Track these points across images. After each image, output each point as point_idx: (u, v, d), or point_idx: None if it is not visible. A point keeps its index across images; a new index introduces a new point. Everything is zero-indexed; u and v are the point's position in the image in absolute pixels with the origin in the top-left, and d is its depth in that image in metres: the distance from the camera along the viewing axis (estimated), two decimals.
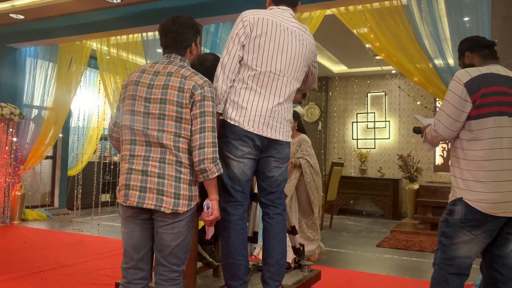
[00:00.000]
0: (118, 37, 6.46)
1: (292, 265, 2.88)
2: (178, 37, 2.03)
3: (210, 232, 2.01)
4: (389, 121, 8.75)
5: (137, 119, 1.94)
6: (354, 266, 4.45)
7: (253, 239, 2.50)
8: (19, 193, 6.60)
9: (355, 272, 4.17)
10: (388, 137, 8.75)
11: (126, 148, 1.97)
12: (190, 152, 1.93)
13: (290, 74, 2.29)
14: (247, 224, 2.40)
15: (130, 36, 6.36)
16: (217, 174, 1.92)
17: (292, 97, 2.36)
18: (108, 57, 6.71)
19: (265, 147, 2.26)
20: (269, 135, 2.23)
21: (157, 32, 2.20)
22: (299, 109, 5.06)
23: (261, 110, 2.21)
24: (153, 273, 2.06)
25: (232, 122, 2.19)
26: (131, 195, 1.91)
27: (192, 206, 1.94)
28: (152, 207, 1.88)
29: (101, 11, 5.85)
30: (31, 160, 6.84)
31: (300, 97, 5.18)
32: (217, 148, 1.95)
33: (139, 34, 6.20)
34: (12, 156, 6.54)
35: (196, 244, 2.41)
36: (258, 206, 2.49)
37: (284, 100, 2.29)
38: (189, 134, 1.93)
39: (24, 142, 6.83)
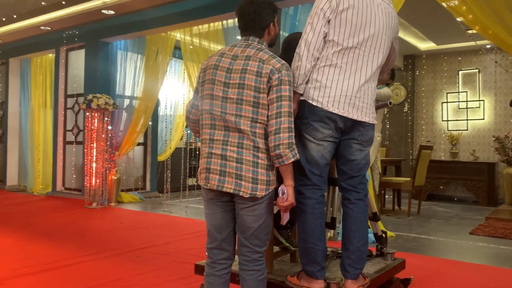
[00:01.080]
0: (200, 26, 6.64)
1: (374, 253, 2.79)
2: (256, 18, 2.01)
3: (285, 218, 2.01)
4: (483, 100, 8.07)
5: (216, 104, 1.96)
6: (445, 254, 4.21)
7: (331, 225, 2.43)
8: (115, 177, 7.13)
9: (446, 260, 3.95)
10: (482, 118, 8.09)
11: (206, 132, 2.01)
12: (266, 137, 1.92)
13: (377, 48, 2.15)
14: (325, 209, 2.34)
15: (211, 24, 6.51)
16: (292, 159, 1.89)
17: (377, 73, 2.22)
18: (191, 46, 6.94)
19: (348, 129, 2.15)
20: (354, 117, 2.11)
21: (236, 19, 2.19)
22: (386, 90, 4.84)
23: (347, 89, 2.09)
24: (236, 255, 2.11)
25: (314, 103, 2.10)
26: (211, 179, 1.95)
27: (270, 190, 1.94)
28: (231, 191, 1.92)
29: (183, 2, 6.05)
30: (125, 147, 7.36)
31: (388, 78, 4.97)
32: (293, 133, 1.92)
33: (220, 22, 6.33)
34: (108, 143, 7.08)
35: (272, 229, 2.40)
36: (337, 190, 2.42)
37: (371, 77, 2.16)
38: (265, 119, 1.91)
39: (118, 130, 7.36)
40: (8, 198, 7.95)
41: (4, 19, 7.01)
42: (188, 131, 9.26)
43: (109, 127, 7.11)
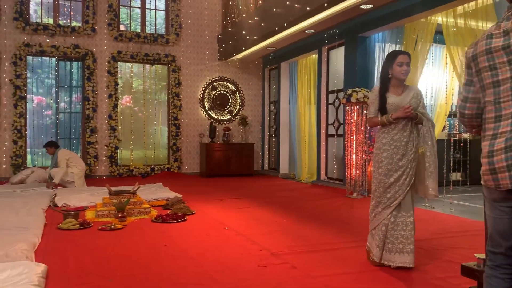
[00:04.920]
0: (466, 5, 6.03)
1: None
2: None
3: None
4: None
5: (504, 89, 1.70)
6: None
7: None
8: None
9: None
10: None
11: (490, 128, 1.74)
12: None
13: None
14: None
15: (479, 1, 5.83)
16: None
17: None
18: (454, 29, 6.39)
19: None
20: None
21: None
22: None
23: None
24: None
25: None
26: (501, 178, 1.68)
27: None
28: None
29: None
30: None
31: None
32: None
33: None
34: (366, 135, 7.23)
35: None
36: None
37: None
38: None
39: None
40: (281, 184, 9.09)
41: (276, 28, 8.01)
42: (451, 121, 8.57)
43: None
